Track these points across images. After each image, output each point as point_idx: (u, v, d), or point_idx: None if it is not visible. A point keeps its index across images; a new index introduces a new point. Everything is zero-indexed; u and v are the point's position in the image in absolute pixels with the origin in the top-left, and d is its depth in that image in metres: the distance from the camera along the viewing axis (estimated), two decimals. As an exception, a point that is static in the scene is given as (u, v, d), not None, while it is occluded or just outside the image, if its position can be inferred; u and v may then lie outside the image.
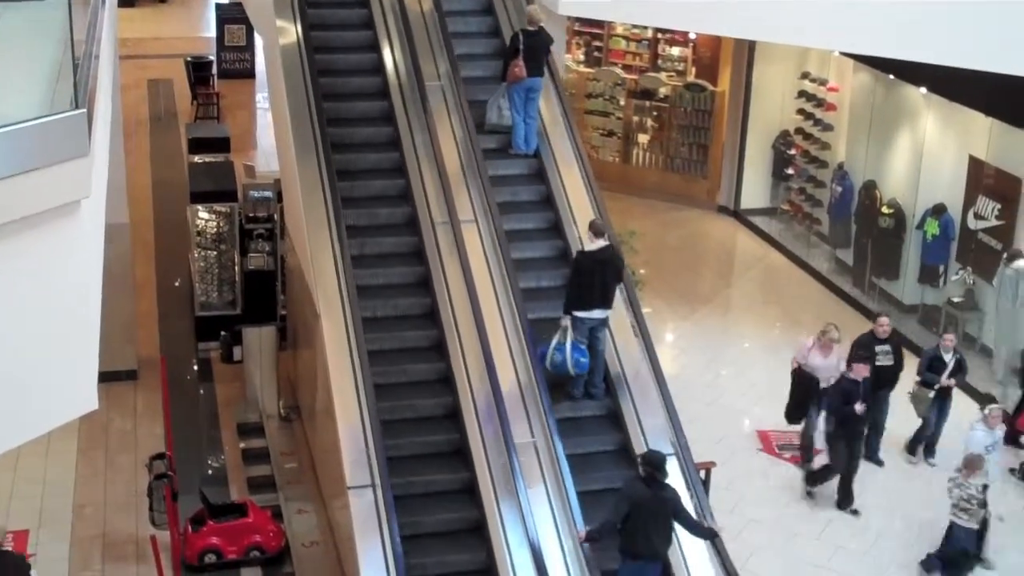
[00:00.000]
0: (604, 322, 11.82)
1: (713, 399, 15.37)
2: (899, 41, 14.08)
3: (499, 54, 14.62)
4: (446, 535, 10.79)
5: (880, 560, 12.58)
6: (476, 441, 11.11)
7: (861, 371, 12.99)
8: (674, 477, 10.88)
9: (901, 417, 14.30)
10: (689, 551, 10.47)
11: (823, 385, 13.57)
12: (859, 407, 12.86)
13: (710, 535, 10.52)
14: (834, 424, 13.19)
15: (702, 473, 12.02)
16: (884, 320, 14.05)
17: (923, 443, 14.41)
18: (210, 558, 12.01)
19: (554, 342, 11.59)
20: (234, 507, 12.38)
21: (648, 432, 11.31)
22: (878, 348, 13.78)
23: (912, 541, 12.80)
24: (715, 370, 16.20)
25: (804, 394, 13.80)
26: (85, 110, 6.30)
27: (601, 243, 11.78)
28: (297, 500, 13.15)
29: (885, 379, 13.83)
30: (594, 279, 11.66)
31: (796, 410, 13.98)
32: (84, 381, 6.94)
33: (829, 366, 13.61)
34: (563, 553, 10.30)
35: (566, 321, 11.57)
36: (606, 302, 11.76)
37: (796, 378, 13.86)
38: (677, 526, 10.12)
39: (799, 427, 14.11)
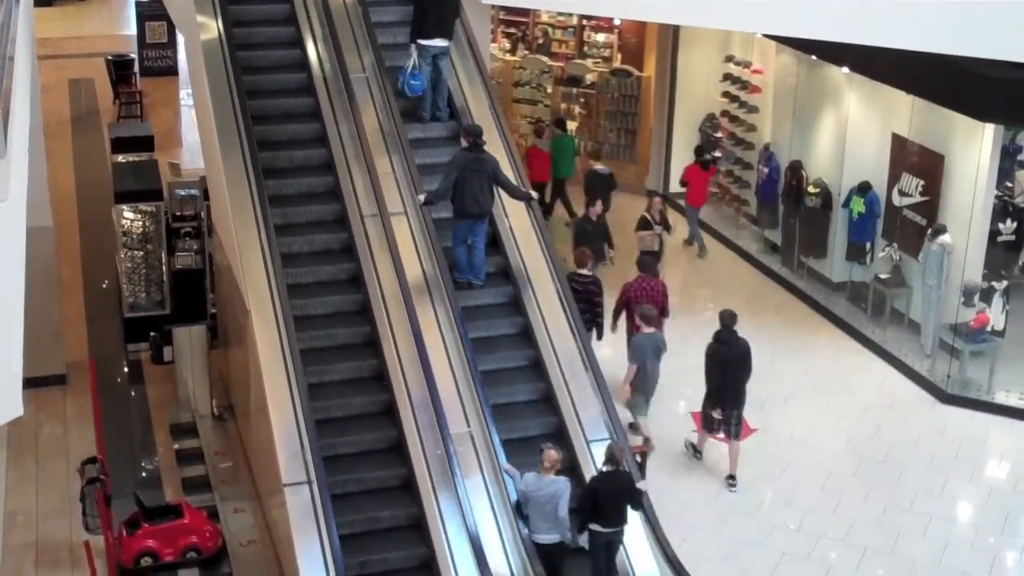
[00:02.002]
0: (444, 51, 13.89)
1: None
2: (820, 22, 14.18)
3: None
4: (386, 531, 10.75)
5: (815, 532, 12.70)
6: (412, 435, 11.07)
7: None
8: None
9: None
10: (629, 538, 10.54)
11: None
12: None
13: (526, 198, 12.57)
14: None
15: (638, 457, 12.08)
16: None
17: None
18: (146, 561, 11.86)
19: (407, 69, 13.69)
20: (169, 509, 12.24)
21: (584, 420, 11.34)
22: None
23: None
24: (649, 354, 16.23)
25: None
26: (-1, 112, 6.20)
27: None
28: (233, 499, 13.04)
29: None
30: (432, 10, 13.76)
31: None
32: (7, 387, 6.83)
33: None
34: (503, 543, 10.31)
35: (412, 50, 13.74)
36: (443, 32, 13.81)
37: None
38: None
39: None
